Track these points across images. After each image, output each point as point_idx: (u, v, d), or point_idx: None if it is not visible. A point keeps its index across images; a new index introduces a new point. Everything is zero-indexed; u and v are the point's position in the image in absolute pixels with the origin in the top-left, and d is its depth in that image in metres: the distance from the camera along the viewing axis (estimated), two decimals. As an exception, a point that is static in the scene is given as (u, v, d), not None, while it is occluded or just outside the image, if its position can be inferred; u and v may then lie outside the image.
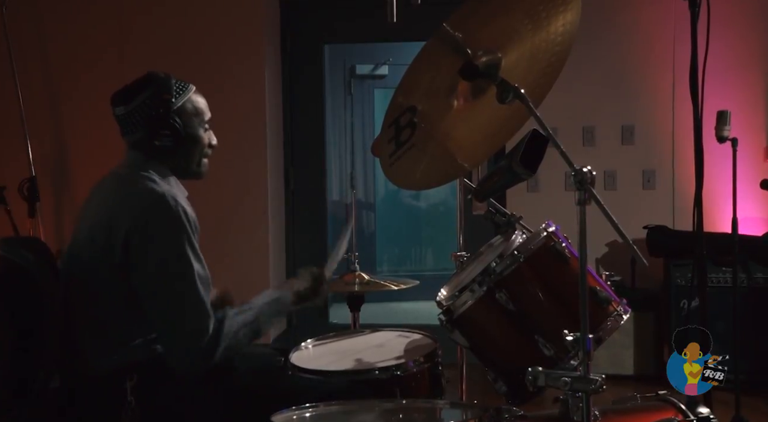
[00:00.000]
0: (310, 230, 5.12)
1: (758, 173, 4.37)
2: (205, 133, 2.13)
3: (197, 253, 1.96)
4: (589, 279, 1.75)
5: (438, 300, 1.93)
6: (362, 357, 2.14)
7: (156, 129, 2.02)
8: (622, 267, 4.50)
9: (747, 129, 4.50)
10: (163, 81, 2.06)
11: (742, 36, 4.65)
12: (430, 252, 7.70)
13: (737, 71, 4.65)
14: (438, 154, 2.01)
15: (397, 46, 6.44)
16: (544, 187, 4.80)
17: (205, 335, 1.89)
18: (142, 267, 1.91)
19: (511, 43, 1.86)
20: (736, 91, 4.62)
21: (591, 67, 4.71)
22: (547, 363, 1.68)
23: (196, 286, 1.92)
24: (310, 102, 5.15)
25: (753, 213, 4.56)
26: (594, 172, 1.57)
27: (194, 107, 2.09)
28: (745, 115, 4.55)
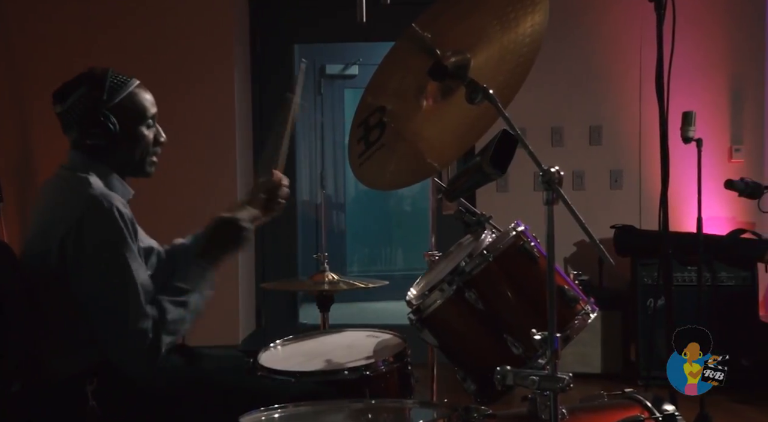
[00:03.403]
0: (279, 231, 5.09)
1: (723, 173, 4.43)
2: (149, 130, 2.06)
3: (137, 257, 1.92)
4: (557, 278, 1.76)
5: (408, 300, 1.93)
6: (331, 357, 2.14)
7: (87, 128, 1.97)
8: (590, 267, 4.55)
9: (712, 129, 4.58)
10: (99, 77, 1.99)
11: (707, 37, 4.73)
12: (401, 252, 7.71)
13: (702, 72, 4.72)
14: (407, 154, 2.01)
15: (367, 45, 6.44)
16: (514, 187, 4.83)
17: (146, 337, 1.85)
18: (77, 272, 1.87)
19: (480, 43, 1.87)
20: (701, 92, 4.69)
21: (559, 68, 4.75)
22: (516, 362, 1.69)
23: (134, 289, 1.87)
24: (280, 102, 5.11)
25: (718, 213, 4.63)
26: (562, 172, 1.58)
27: (134, 103, 2.02)
28: (709, 115, 4.62)
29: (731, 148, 4.78)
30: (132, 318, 1.86)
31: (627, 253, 4.46)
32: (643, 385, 3.90)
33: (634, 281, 4.40)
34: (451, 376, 1.92)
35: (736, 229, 4.51)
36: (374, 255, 7.80)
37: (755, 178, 4.11)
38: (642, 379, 4.08)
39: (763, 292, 4.57)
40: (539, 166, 1.58)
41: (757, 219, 4.58)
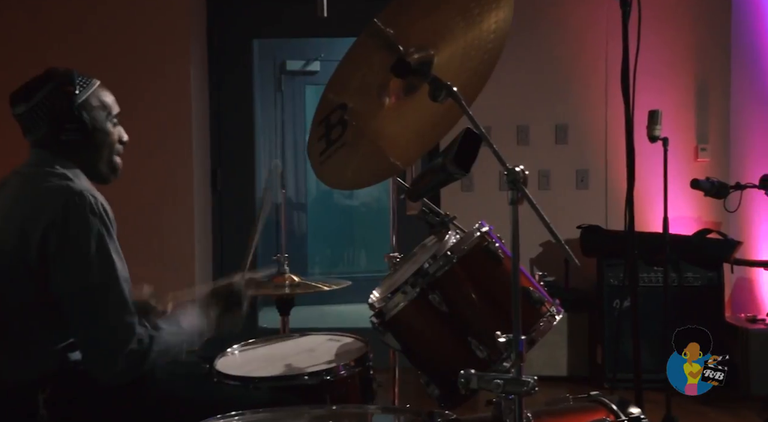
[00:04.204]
0: (238, 232, 5.05)
1: (689, 172, 4.51)
2: (114, 128, 2.08)
3: (119, 252, 1.93)
4: (522, 279, 1.78)
5: (370, 303, 1.93)
6: (291, 362, 2.13)
7: (61, 123, 1.97)
8: (556, 268, 4.60)
9: (678, 128, 4.66)
10: (65, 74, 2.01)
11: (672, 35, 4.81)
12: (364, 253, 7.71)
13: (668, 70, 4.80)
14: (370, 153, 2.01)
15: (329, 41, 6.44)
16: (479, 186, 4.86)
17: (131, 336, 1.85)
18: (61, 268, 1.86)
19: (443, 40, 1.87)
20: (667, 90, 4.77)
21: (524, 65, 4.80)
22: (480, 366, 1.70)
23: (119, 286, 1.88)
24: (239, 99, 5.10)
25: (684, 213, 4.71)
26: (527, 172, 1.59)
27: (100, 101, 2.04)
28: (675, 114, 4.70)
29: (697, 147, 4.87)
30: (115, 316, 1.85)
31: (593, 254, 4.51)
32: (610, 388, 3.96)
33: (601, 282, 4.45)
34: (415, 381, 1.93)
35: (702, 229, 4.60)
36: (336, 256, 7.78)
37: (721, 177, 4.19)
38: (608, 382, 4.14)
39: (728, 293, 4.66)
40: (504, 165, 1.60)
41: (723, 219, 4.67)
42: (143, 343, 1.86)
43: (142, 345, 1.86)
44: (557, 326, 1.87)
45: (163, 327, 1.94)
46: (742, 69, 4.83)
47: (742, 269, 4.67)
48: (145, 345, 1.86)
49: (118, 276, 1.88)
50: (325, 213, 7.69)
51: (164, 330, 1.93)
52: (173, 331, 1.96)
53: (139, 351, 1.86)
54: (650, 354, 3.99)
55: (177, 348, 1.96)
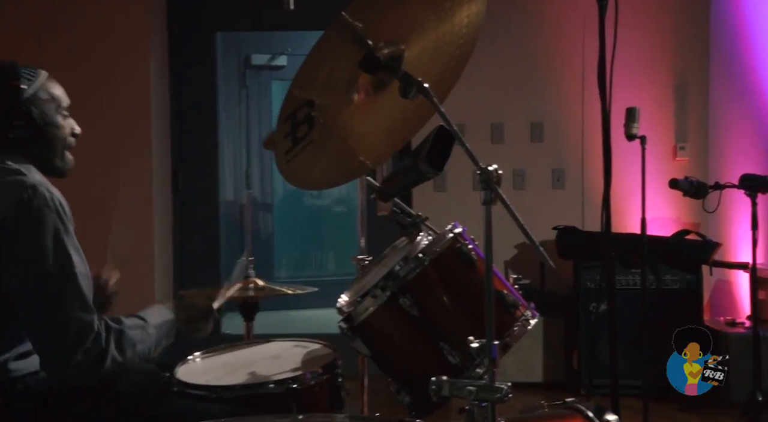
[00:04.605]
0: (200, 233, 5.04)
1: (667, 172, 4.57)
2: (65, 121, 2.07)
3: (77, 248, 1.92)
4: (496, 282, 1.79)
5: (338, 307, 1.93)
6: (256, 369, 2.13)
7: (8, 120, 1.96)
8: (531, 270, 4.63)
9: (656, 126, 4.72)
10: (9, 68, 1.99)
11: (651, 31, 4.87)
12: (333, 256, 7.70)
13: (646, 67, 4.86)
14: (338, 151, 2.01)
15: (296, 35, 6.42)
16: (452, 186, 4.88)
17: (90, 333, 1.83)
18: (16, 265, 1.85)
19: (414, 34, 1.88)
20: (646, 87, 4.83)
21: (499, 61, 4.83)
22: (453, 372, 1.71)
23: (76, 281, 1.87)
24: (201, 95, 5.07)
25: (662, 213, 4.77)
26: (500, 171, 1.60)
27: (49, 93, 2.02)
28: (654, 112, 4.76)
29: (676, 146, 4.93)
30: (74, 312, 1.84)
31: (569, 256, 4.54)
32: (586, 394, 4.00)
33: (577, 285, 4.49)
34: (384, 388, 1.93)
35: (680, 230, 4.65)
36: (304, 259, 7.77)
37: (700, 176, 4.26)
38: (585, 388, 4.18)
39: (707, 296, 4.73)
40: (476, 164, 1.61)
41: (702, 219, 4.74)
42: (101, 340, 1.85)
43: (101, 342, 1.84)
44: (532, 330, 1.89)
45: (126, 323, 1.92)
46: (720, 67, 4.91)
47: (721, 271, 4.74)
48: (104, 342, 1.85)
49: (75, 271, 1.87)
50: (292, 214, 7.67)
51: (127, 324, 1.92)
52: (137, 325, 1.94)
53: (97, 348, 1.84)
54: (628, 360, 4.04)
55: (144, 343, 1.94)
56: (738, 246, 4.74)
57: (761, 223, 3.89)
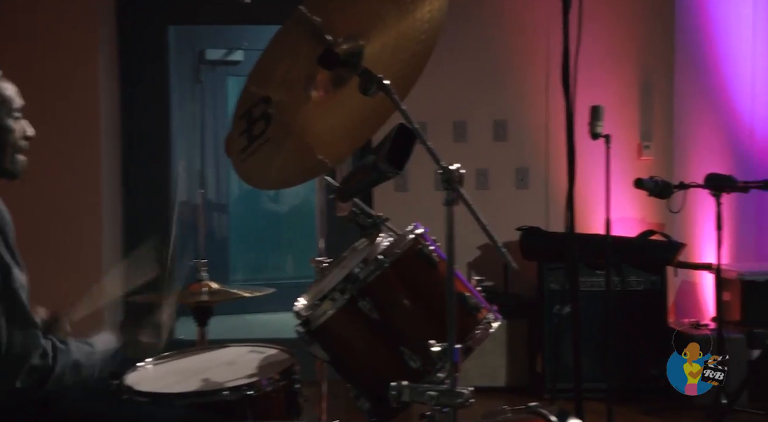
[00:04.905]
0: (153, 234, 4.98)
1: (632, 171, 4.63)
2: (17, 123, 2.02)
3: (16, 258, 1.87)
4: (458, 284, 1.80)
5: (296, 311, 1.93)
6: (209, 376, 2.11)
7: None
8: (495, 272, 4.66)
9: (621, 125, 4.78)
10: None
11: (616, 29, 4.93)
12: (291, 257, 7.68)
13: (611, 66, 4.92)
14: (296, 150, 2.01)
15: (253, 29, 6.38)
16: (413, 185, 4.90)
17: (35, 349, 1.80)
18: None
19: (374, 29, 1.88)
20: (610, 85, 4.89)
21: (461, 58, 4.85)
22: (413, 377, 1.71)
23: (17, 294, 1.83)
24: (153, 91, 5.02)
25: (627, 214, 4.83)
26: (463, 171, 1.62)
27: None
28: (618, 110, 4.82)
29: (641, 145, 4.99)
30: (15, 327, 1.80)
31: (533, 257, 4.58)
32: (550, 398, 4.04)
33: (541, 287, 4.53)
34: (344, 394, 1.93)
35: (645, 231, 4.72)
36: (261, 261, 7.72)
37: (665, 176, 4.33)
38: (549, 392, 4.22)
39: (672, 297, 4.80)
40: (438, 163, 1.62)
41: (667, 219, 4.81)
42: (47, 357, 1.82)
43: (46, 360, 1.82)
44: (495, 334, 1.91)
45: (72, 342, 1.90)
46: (685, 65, 4.98)
47: (686, 272, 4.82)
48: (50, 360, 1.82)
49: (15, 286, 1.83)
50: (249, 214, 7.62)
51: (73, 345, 1.89)
52: (84, 348, 1.92)
53: (42, 366, 1.81)
54: (592, 363, 4.08)
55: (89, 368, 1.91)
56: (702, 247, 4.82)
57: (726, 223, 3.97)
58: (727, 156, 4.93)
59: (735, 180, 3.97)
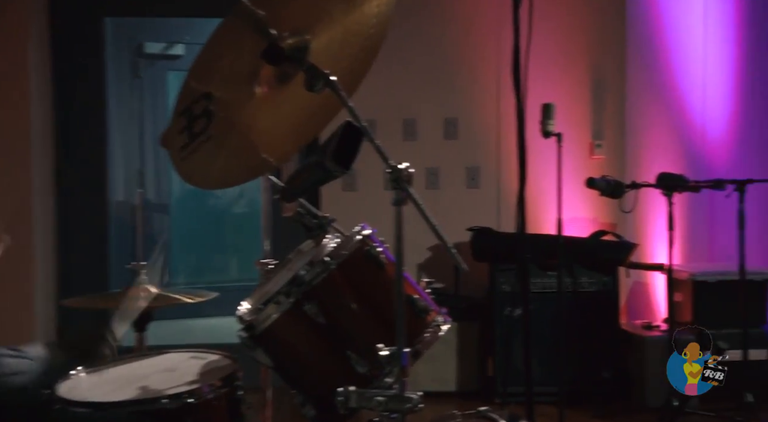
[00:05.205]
0: (87, 237, 4.91)
1: (584, 170, 4.70)
2: None
3: None
4: (406, 287, 1.81)
5: (239, 315, 1.92)
6: (148, 384, 2.09)
7: None
8: (445, 273, 4.69)
9: (572, 123, 4.85)
10: None
11: (567, 27, 5.00)
12: (235, 260, 7.63)
13: (562, 63, 4.99)
14: (239, 148, 1.99)
15: (194, 21, 6.33)
16: (362, 185, 4.90)
17: None
18: None
19: (320, 24, 1.88)
20: (562, 83, 4.95)
21: (411, 54, 4.88)
22: (361, 382, 1.71)
23: None
24: (88, 86, 4.96)
25: (579, 213, 4.90)
26: (412, 170, 1.63)
27: None
28: (570, 108, 4.89)
29: (592, 144, 5.06)
30: None
31: (484, 258, 4.62)
32: (501, 402, 4.08)
33: (492, 288, 4.57)
34: (289, 401, 1.93)
35: (597, 231, 4.79)
36: (203, 264, 7.66)
37: (617, 175, 4.41)
38: (499, 396, 4.26)
39: (624, 298, 4.89)
40: (386, 162, 1.62)
41: (619, 219, 4.89)
42: None
43: None
44: (446, 337, 1.92)
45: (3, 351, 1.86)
46: (637, 62, 5.08)
47: (637, 273, 4.91)
48: None
49: None
50: (191, 215, 7.55)
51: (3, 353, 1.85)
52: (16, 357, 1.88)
53: None
54: (544, 366, 4.14)
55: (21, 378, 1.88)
56: (654, 247, 4.92)
57: (678, 223, 4.05)
58: (679, 155, 5.03)
59: (686, 179, 4.05)
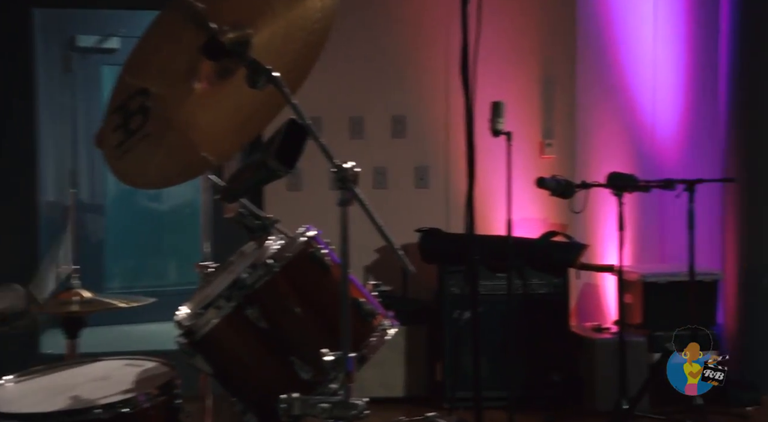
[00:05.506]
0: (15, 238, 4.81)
1: (535, 169, 4.75)
2: None
3: None
4: (352, 290, 1.81)
5: (177, 320, 1.91)
6: (80, 393, 2.06)
7: None
8: (393, 276, 4.69)
9: (522, 122, 4.89)
10: None
11: (517, 23, 5.05)
12: (174, 263, 7.56)
13: (512, 60, 5.03)
14: (177, 146, 1.97)
15: (130, 13, 6.24)
16: (307, 185, 4.89)
17: None
18: None
19: (263, 17, 1.88)
20: (512, 81, 5.00)
21: (359, 50, 4.88)
22: (305, 388, 1.72)
23: None
24: (16, 81, 4.87)
25: (530, 214, 4.95)
26: (358, 169, 1.63)
27: None
28: (520, 106, 4.94)
29: (543, 143, 5.12)
30: None
31: (433, 260, 4.63)
32: (449, 408, 4.10)
33: (441, 291, 4.59)
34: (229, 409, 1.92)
35: (547, 232, 4.84)
36: (140, 267, 7.57)
37: (567, 175, 4.46)
38: (448, 401, 4.28)
39: (574, 300, 4.95)
40: (331, 161, 1.63)
41: (570, 220, 4.95)
42: None
43: None
44: (393, 341, 1.93)
45: None
46: (587, 62, 5.14)
47: (588, 274, 4.98)
48: None
49: None
50: (127, 216, 7.46)
51: None
52: None
53: None
54: (493, 370, 4.18)
55: None
56: (605, 248, 4.99)
57: (628, 224, 4.12)
58: (629, 155, 5.12)
59: (637, 179, 4.12)
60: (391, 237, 1.71)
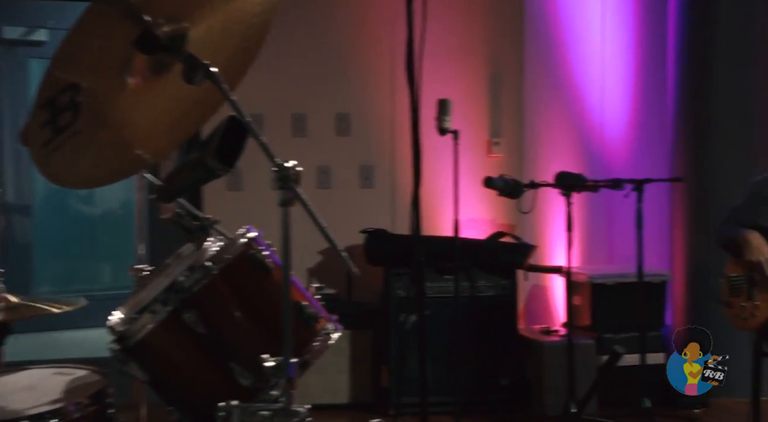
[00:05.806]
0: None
1: (482, 169, 4.78)
2: None
3: None
4: (294, 293, 1.81)
5: (110, 325, 1.89)
6: (5, 403, 2.04)
7: None
8: (337, 279, 4.70)
9: (470, 120, 4.93)
10: None
11: (463, 20, 5.08)
12: (107, 266, 7.49)
13: (459, 58, 5.06)
14: (110, 143, 1.95)
15: (58, 5, 6.16)
16: (248, 184, 4.86)
17: None
18: None
19: (200, 10, 1.87)
20: (458, 79, 5.03)
21: (301, 46, 4.86)
22: (244, 396, 1.71)
23: None
24: None
25: (477, 214, 4.98)
26: (300, 168, 1.63)
27: None
28: (467, 104, 4.97)
29: (490, 141, 5.15)
30: None
31: (378, 262, 4.64)
32: (395, 414, 4.11)
33: (387, 294, 4.59)
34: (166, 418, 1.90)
35: (495, 233, 4.89)
36: (71, 270, 7.47)
37: (515, 174, 4.51)
38: (394, 407, 4.29)
39: (522, 302, 5.00)
40: (272, 159, 1.63)
41: (518, 220, 4.99)
42: None
43: None
44: (337, 346, 1.94)
45: None
46: (535, 61, 5.20)
47: (536, 276, 5.03)
48: None
49: None
50: (57, 217, 7.36)
51: None
52: None
53: None
54: (440, 374, 4.20)
55: None
56: (553, 249, 5.05)
57: (576, 224, 4.17)
58: (578, 154, 5.18)
59: (585, 179, 4.18)
60: (335, 238, 1.71)
